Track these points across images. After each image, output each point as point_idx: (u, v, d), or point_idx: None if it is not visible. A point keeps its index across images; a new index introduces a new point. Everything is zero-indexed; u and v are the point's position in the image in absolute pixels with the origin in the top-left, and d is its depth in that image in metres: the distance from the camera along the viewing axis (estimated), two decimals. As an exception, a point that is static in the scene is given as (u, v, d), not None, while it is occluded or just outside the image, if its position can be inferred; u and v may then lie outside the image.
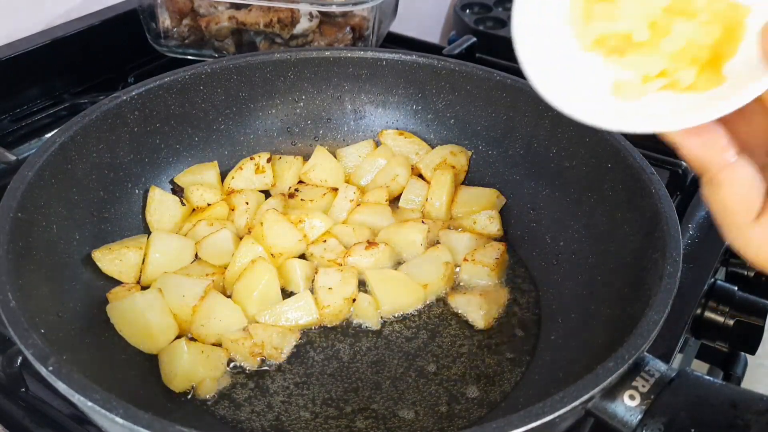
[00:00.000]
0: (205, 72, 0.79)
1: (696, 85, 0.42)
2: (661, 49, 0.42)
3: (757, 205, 0.38)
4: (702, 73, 0.42)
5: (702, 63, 0.42)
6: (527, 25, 0.45)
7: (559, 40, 0.46)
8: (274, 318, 0.67)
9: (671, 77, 0.42)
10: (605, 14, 0.44)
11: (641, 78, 0.43)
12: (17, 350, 0.59)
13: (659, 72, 0.43)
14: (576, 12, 0.45)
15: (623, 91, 0.43)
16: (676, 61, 0.42)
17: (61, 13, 1.04)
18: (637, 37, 0.43)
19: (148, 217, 0.75)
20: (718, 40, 0.42)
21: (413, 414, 0.60)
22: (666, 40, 0.42)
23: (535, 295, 0.72)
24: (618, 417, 0.47)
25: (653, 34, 0.42)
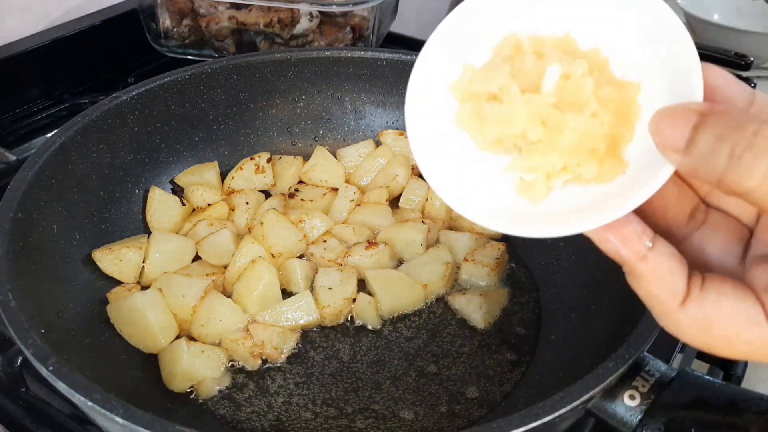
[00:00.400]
0: (205, 72, 0.79)
1: (599, 177, 0.41)
2: (558, 146, 0.41)
3: (680, 290, 0.37)
4: (603, 164, 0.41)
5: (600, 154, 0.41)
6: (422, 129, 0.44)
7: (456, 143, 0.44)
8: (274, 318, 0.67)
9: (573, 172, 0.42)
10: (496, 118, 0.42)
11: (545, 176, 0.42)
12: (17, 350, 0.59)
13: (561, 168, 0.42)
14: (466, 114, 0.44)
15: (529, 190, 0.42)
16: (575, 156, 0.41)
17: (61, 12, 1.04)
18: (531, 137, 0.41)
19: (149, 217, 0.75)
20: (612, 126, 0.41)
21: (413, 414, 0.60)
22: (560, 137, 0.41)
23: (535, 295, 0.72)
24: (618, 417, 0.47)
25: (547, 131, 0.41)
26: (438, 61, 0.46)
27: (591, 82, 0.41)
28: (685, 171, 0.35)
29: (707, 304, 0.37)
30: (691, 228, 0.41)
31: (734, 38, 1.20)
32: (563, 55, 0.42)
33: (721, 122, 0.34)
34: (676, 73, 0.39)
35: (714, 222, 0.41)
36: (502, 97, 0.42)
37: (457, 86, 0.45)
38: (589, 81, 0.41)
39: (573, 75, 0.41)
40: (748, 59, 1.10)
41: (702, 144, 0.34)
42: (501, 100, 0.42)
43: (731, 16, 1.33)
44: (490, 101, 0.43)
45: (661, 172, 0.37)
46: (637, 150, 0.40)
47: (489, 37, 0.44)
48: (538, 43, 0.43)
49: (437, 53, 0.46)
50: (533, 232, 0.40)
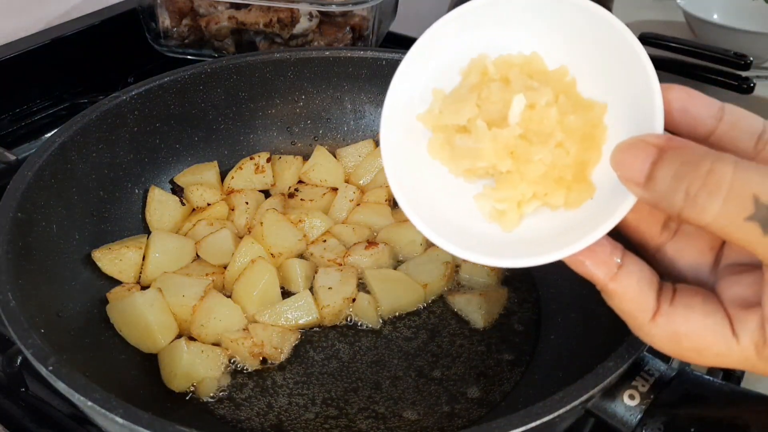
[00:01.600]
0: (204, 72, 0.79)
1: (568, 203, 0.42)
2: (526, 176, 0.42)
3: (650, 306, 0.39)
4: (570, 190, 0.42)
5: (568, 182, 0.42)
6: (396, 160, 0.45)
7: (430, 171, 0.45)
8: (273, 317, 0.67)
9: (543, 200, 0.43)
10: (466, 152, 0.43)
11: (516, 204, 0.43)
12: (17, 350, 0.59)
13: (531, 196, 0.43)
14: (438, 145, 0.45)
15: (502, 218, 0.43)
16: (543, 186, 0.42)
17: (61, 12, 1.04)
18: (501, 167, 0.42)
19: (148, 216, 0.75)
20: (578, 154, 0.41)
21: (413, 414, 0.60)
22: (528, 167, 0.42)
23: (535, 295, 0.72)
24: (618, 416, 0.47)
25: (515, 162, 0.42)
26: (408, 90, 0.47)
27: (555, 111, 0.42)
28: (647, 202, 0.37)
29: (676, 318, 0.38)
30: (664, 238, 0.42)
31: (734, 38, 1.20)
32: (529, 81, 0.43)
33: (677, 158, 0.35)
34: (638, 98, 0.40)
35: (686, 232, 0.42)
36: (471, 130, 0.43)
37: (427, 117, 0.45)
38: (553, 111, 0.42)
39: (538, 104, 0.42)
40: (748, 59, 1.10)
41: (660, 181, 0.35)
42: (470, 132, 0.43)
43: (731, 15, 1.33)
44: (459, 132, 0.44)
45: (629, 196, 0.38)
46: (605, 171, 0.41)
47: (458, 59, 0.45)
48: (505, 65, 0.44)
49: (407, 82, 0.47)
50: (508, 262, 0.41)
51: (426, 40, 0.46)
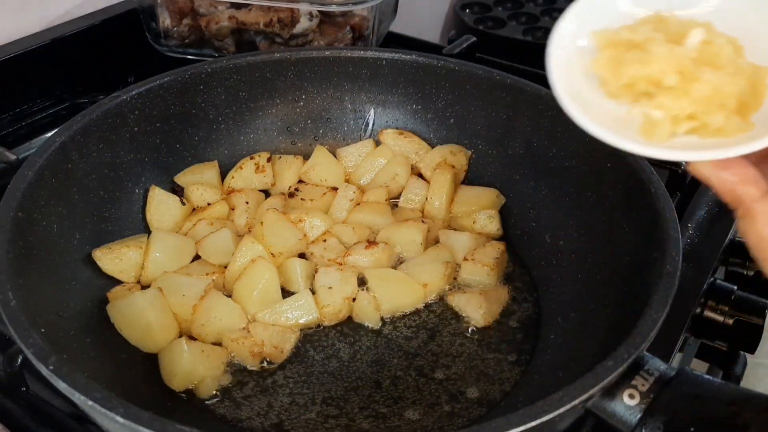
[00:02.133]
0: (205, 72, 0.80)
1: (724, 129, 0.43)
2: (690, 94, 0.43)
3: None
4: (730, 119, 0.43)
5: (729, 109, 0.43)
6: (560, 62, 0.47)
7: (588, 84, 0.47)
8: (274, 317, 0.67)
9: (700, 120, 0.43)
10: (637, 59, 0.44)
11: (671, 119, 0.44)
12: (18, 349, 0.59)
13: (689, 114, 0.44)
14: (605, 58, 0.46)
15: (652, 129, 0.44)
16: (705, 106, 0.43)
17: (61, 12, 1.04)
18: (667, 81, 0.43)
19: (149, 216, 0.75)
20: (743, 91, 0.43)
21: (413, 413, 0.60)
22: (695, 87, 0.43)
23: (535, 295, 0.72)
24: (617, 416, 0.47)
25: (683, 80, 0.43)
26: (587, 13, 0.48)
27: (730, 50, 0.44)
28: None
29: None
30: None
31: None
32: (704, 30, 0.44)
33: None
34: None
35: None
36: (646, 45, 0.44)
37: (601, 33, 0.47)
38: (729, 48, 0.44)
39: (715, 42, 0.44)
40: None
41: None
42: (642, 49, 0.44)
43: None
44: (630, 50, 0.45)
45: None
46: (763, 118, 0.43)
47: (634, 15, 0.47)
48: (681, 23, 0.46)
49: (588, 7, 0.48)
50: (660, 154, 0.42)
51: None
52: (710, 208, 0.82)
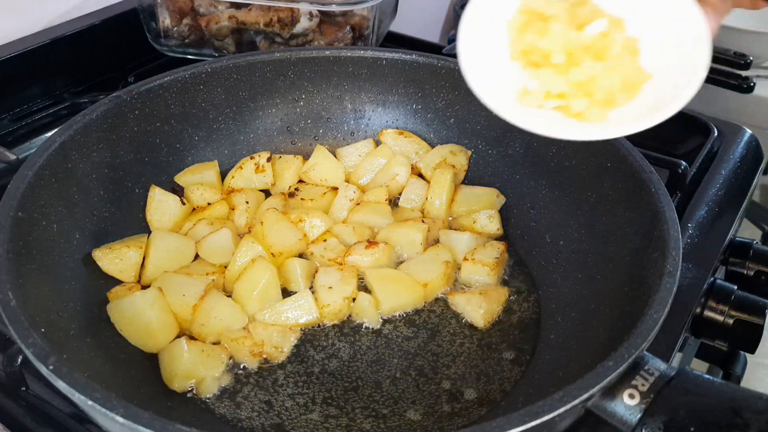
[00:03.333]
0: (205, 71, 0.79)
1: (582, 115, 0.50)
2: (568, 76, 0.50)
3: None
4: (591, 108, 0.50)
5: (594, 100, 0.50)
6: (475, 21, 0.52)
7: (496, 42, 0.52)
8: (274, 317, 0.67)
9: (567, 100, 0.50)
10: (537, 30, 0.50)
11: (544, 93, 0.50)
12: (18, 349, 0.59)
13: (559, 93, 0.50)
14: (518, 21, 0.52)
15: (527, 98, 0.51)
16: (575, 90, 0.50)
17: (61, 12, 1.04)
18: (554, 58, 0.50)
19: (149, 216, 0.75)
20: (614, 87, 0.49)
21: (413, 413, 0.60)
22: (575, 70, 0.49)
23: (535, 295, 0.72)
24: (618, 416, 0.47)
25: (567, 61, 0.50)
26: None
27: (620, 47, 0.49)
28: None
29: None
30: None
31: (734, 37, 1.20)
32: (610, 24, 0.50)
33: None
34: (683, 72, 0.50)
35: None
36: (550, 20, 0.50)
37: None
38: (619, 45, 0.49)
39: (611, 37, 0.49)
40: (748, 58, 1.10)
41: None
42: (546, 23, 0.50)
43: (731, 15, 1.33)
44: (541, 20, 0.51)
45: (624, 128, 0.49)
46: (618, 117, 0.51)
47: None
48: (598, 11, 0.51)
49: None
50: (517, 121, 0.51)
51: None
52: (710, 208, 0.82)
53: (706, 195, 0.82)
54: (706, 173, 0.87)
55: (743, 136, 0.95)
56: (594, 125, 0.50)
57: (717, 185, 0.85)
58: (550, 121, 0.51)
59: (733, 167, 0.89)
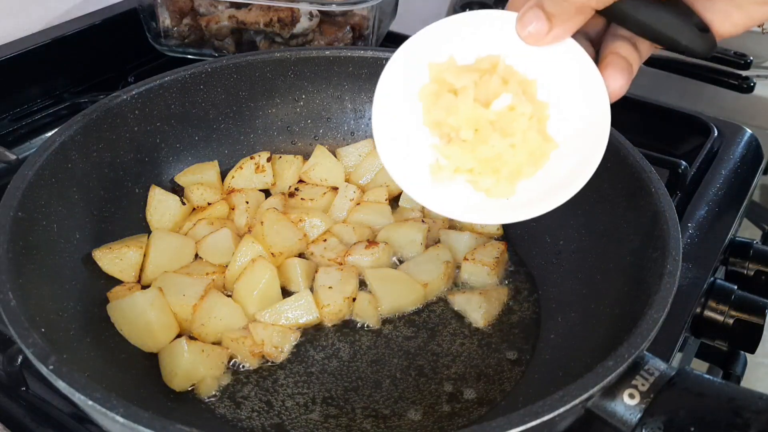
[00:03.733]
0: (205, 71, 0.79)
1: (490, 191, 0.52)
2: (476, 153, 0.51)
3: None
4: (498, 184, 0.52)
5: (501, 176, 0.51)
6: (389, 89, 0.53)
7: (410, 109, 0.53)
8: (274, 317, 0.67)
9: (475, 177, 0.52)
10: (445, 105, 0.51)
11: (454, 168, 0.52)
12: (18, 349, 0.59)
13: (468, 169, 0.52)
14: (429, 90, 0.53)
15: (437, 173, 0.53)
16: (483, 167, 0.51)
17: (61, 12, 1.04)
18: (462, 134, 0.51)
19: (149, 216, 0.75)
20: (520, 162, 0.51)
21: (413, 413, 0.60)
22: (482, 147, 0.51)
23: (535, 295, 0.72)
24: (618, 416, 0.47)
25: (476, 138, 0.51)
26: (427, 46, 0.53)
27: (526, 122, 0.50)
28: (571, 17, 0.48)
29: None
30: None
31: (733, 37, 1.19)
32: (520, 93, 0.51)
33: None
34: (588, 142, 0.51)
35: None
36: (460, 94, 0.51)
37: (436, 66, 0.53)
38: (525, 120, 0.50)
39: (518, 110, 0.50)
40: (748, 58, 1.10)
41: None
42: (456, 97, 0.51)
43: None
44: (450, 91, 0.51)
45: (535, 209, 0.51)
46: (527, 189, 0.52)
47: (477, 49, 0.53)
48: (511, 71, 0.52)
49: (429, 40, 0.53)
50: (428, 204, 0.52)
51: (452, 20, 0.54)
52: (710, 208, 0.82)
53: (707, 195, 0.82)
54: (706, 173, 0.87)
55: (743, 136, 0.95)
56: (501, 209, 0.52)
57: (717, 185, 0.85)
58: (461, 202, 0.52)
59: (733, 167, 0.89)
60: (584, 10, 0.47)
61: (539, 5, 0.48)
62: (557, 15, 0.48)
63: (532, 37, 0.49)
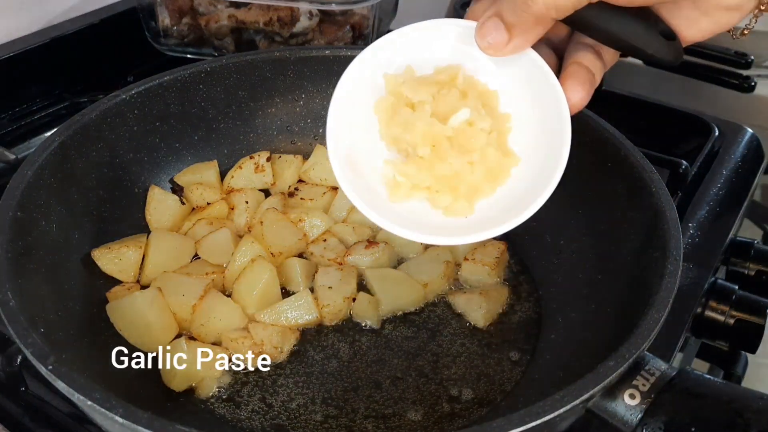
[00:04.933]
0: (204, 71, 0.79)
1: (449, 209, 0.50)
2: (433, 171, 0.49)
3: None
4: (456, 202, 0.50)
5: (459, 194, 0.50)
6: (346, 96, 0.52)
7: (366, 120, 0.52)
8: (273, 317, 0.67)
9: (432, 195, 0.50)
10: (402, 121, 0.50)
11: (411, 186, 0.50)
12: (17, 349, 0.59)
13: (425, 187, 0.50)
14: (386, 103, 0.51)
15: (394, 189, 0.51)
16: (440, 185, 0.49)
17: (60, 11, 1.04)
18: (420, 151, 0.49)
19: (148, 216, 0.75)
20: (479, 179, 0.49)
21: (413, 413, 0.60)
22: (439, 165, 0.49)
23: (536, 295, 0.72)
24: (618, 416, 0.47)
25: (433, 155, 0.49)
26: (384, 55, 0.52)
27: (485, 138, 0.49)
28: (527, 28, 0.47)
29: None
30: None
31: (735, 37, 1.19)
32: (480, 106, 0.50)
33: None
34: (547, 160, 0.48)
35: None
36: (417, 109, 0.49)
37: (391, 78, 0.51)
38: (484, 137, 0.49)
39: (476, 125, 0.49)
40: (748, 58, 1.10)
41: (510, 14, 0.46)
42: (414, 110, 0.49)
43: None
44: (407, 105, 0.50)
45: (494, 230, 0.49)
46: (485, 208, 0.50)
47: (436, 59, 0.51)
48: (470, 83, 0.51)
49: (388, 49, 0.52)
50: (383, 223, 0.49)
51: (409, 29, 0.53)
52: (711, 208, 0.81)
53: (707, 195, 0.82)
54: (707, 173, 0.87)
55: (744, 136, 0.94)
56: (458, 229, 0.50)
57: (718, 185, 0.85)
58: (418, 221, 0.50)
59: (734, 167, 0.89)
60: (544, 21, 0.46)
61: (498, 15, 0.47)
62: (516, 25, 0.46)
63: (491, 47, 0.47)
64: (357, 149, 0.52)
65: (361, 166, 0.51)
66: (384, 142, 0.52)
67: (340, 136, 0.51)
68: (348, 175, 0.51)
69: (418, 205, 0.51)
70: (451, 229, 0.50)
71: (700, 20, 0.47)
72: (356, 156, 0.51)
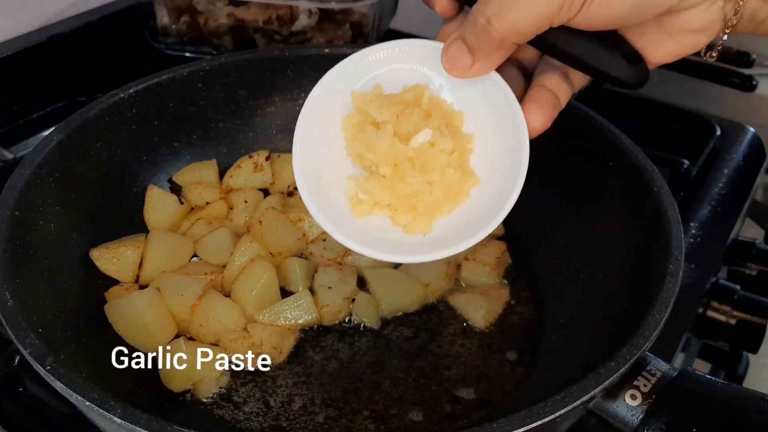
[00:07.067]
0: (203, 69, 0.79)
1: (408, 227, 0.51)
2: (393, 189, 0.50)
3: None
4: (415, 221, 0.51)
5: (417, 213, 0.51)
6: (314, 111, 0.53)
7: (333, 140, 0.53)
8: (273, 317, 0.66)
9: (393, 212, 0.51)
10: (366, 139, 0.51)
11: (373, 203, 0.51)
12: (15, 349, 0.58)
13: (386, 204, 0.51)
14: (352, 121, 0.52)
15: (356, 205, 0.52)
16: (400, 203, 0.51)
17: (58, 10, 1.04)
18: (381, 170, 0.50)
19: (146, 215, 0.75)
20: (438, 198, 0.50)
21: (414, 414, 0.60)
22: (399, 184, 0.50)
23: (536, 295, 0.72)
24: (619, 417, 0.47)
25: (394, 174, 0.50)
26: (354, 72, 0.54)
27: (446, 159, 0.50)
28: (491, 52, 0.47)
29: None
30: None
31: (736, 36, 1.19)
32: (443, 127, 0.51)
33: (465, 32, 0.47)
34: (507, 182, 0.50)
35: None
36: (380, 129, 0.51)
37: (359, 96, 0.53)
38: (444, 158, 0.50)
39: (438, 146, 0.50)
40: (750, 57, 1.09)
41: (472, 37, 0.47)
42: (378, 129, 0.51)
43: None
44: (372, 124, 0.51)
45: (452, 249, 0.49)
46: (443, 227, 0.51)
47: (404, 78, 0.52)
48: (436, 103, 0.52)
49: (359, 65, 0.54)
50: (344, 240, 0.51)
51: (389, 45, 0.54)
52: (713, 207, 0.81)
53: (709, 194, 0.82)
54: (708, 172, 0.87)
55: (746, 135, 0.94)
56: (417, 247, 0.50)
57: (720, 184, 0.85)
58: (379, 237, 0.51)
59: (736, 166, 0.89)
60: (504, 45, 0.46)
61: (462, 38, 0.47)
62: (478, 49, 0.47)
63: (455, 70, 0.48)
64: (324, 163, 0.53)
65: (328, 180, 0.53)
66: (349, 159, 0.53)
67: (307, 149, 0.52)
68: (313, 188, 0.52)
69: (379, 222, 0.52)
70: (410, 246, 0.51)
71: (666, 42, 0.47)
72: (323, 170, 0.53)
